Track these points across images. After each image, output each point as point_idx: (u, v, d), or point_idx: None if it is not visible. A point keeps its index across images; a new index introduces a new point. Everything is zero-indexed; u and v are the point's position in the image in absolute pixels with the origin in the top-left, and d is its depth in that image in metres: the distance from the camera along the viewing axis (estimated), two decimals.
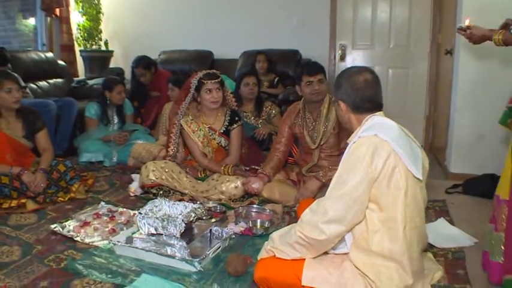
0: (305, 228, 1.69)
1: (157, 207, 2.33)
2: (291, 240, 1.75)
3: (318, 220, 1.66)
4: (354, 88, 1.79)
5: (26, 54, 5.15)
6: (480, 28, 2.40)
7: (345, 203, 1.63)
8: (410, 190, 1.67)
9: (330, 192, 1.70)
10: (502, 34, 2.28)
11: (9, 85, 3.09)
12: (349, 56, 5.42)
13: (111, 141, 4.14)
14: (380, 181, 1.64)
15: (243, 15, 5.78)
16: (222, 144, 3.34)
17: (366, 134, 1.69)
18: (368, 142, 1.66)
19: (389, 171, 1.63)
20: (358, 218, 1.66)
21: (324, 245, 1.70)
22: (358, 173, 1.63)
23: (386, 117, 1.79)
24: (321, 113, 3.07)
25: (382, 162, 1.63)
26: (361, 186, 1.62)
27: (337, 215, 1.64)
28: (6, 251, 2.33)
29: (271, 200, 3.03)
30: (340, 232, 1.67)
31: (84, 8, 6.17)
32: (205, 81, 3.19)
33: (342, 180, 1.67)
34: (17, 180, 2.99)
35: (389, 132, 1.68)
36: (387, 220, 1.66)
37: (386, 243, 1.65)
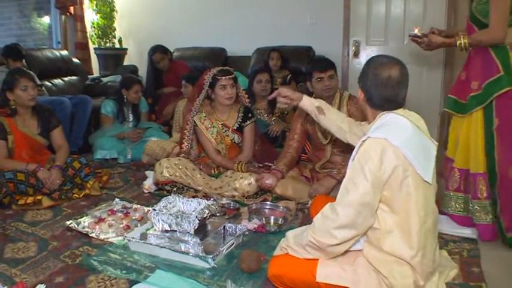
0: (317, 233, 1.69)
1: (171, 204, 2.34)
2: (303, 242, 1.74)
3: (330, 225, 1.66)
4: (375, 83, 1.73)
5: (41, 52, 5.21)
6: (437, 37, 2.55)
7: (355, 208, 1.62)
8: (422, 193, 1.65)
9: (340, 196, 1.68)
10: (465, 38, 2.41)
11: (25, 83, 3.12)
12: (363, 52, 5.38)
13: (125, 138, 4.17)
14: (390, 184, 1.62)
15: (256, 12, 5.76)
16: (236, 140, 3.34)
17: (376, 135, 1.65)
18: (377, 145, 1.62)
19: (400, 175, 1.61)
20: (369, 222, 1.65)
21: (336, 249, 1.69)
22: (367, 178, 1.60)
23: (401, 115, 1.72)
24: None
25: (391, 167, 1.60)
26: (370, 191, 1.61)
27: (348, 220, 1.63)
28: (22, 247, 2.36)
29: (285, 197, 3.02)
30: (352, 236, 1.66)
31: (98, 5, 6.20)
32: (219, 77, 3.19)
33: (351, 184, 1.65)
34: (33, 177, 3.02)
35: (401, 134, 1.63)
36: (400, 222, 1.64)
37: (397, 246, 1.64)
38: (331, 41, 5.36)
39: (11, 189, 2.92)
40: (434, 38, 2.55)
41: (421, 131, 1.73)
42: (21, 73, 3.21)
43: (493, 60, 2.39)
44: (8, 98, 3.12)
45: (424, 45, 2.61)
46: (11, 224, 2.67)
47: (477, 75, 2.46)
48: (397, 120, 1.70)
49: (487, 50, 2.42)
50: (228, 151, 3.35)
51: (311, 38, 5.33)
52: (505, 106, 2.36)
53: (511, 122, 2.36)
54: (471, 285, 1.99)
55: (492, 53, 2.40)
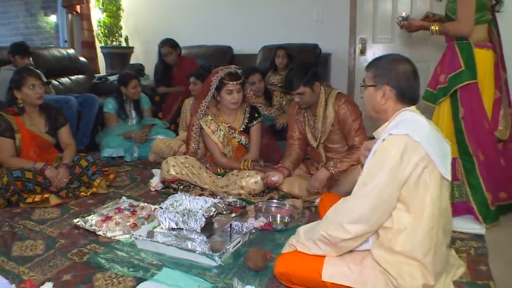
0: (329, 227, 1.68)
1: (177, 202, 2.35)
2: (315, 237, 1.74)
3: (343, 219, 1.65)
4: (405, 76, 1.74)
5: (47, 51, 5.24)
6: (417, 20, 2.83)
7: (372, 203, 1.61)
8: (438, 191, 1.64)
9: (356, 191, 1.67)
10: (438, 25, 2.68)
11: (32, 81, 3.13)
12: (369, 49, 5.37)
13: (132, 137, 4.18)
14: (409, 182, 1.60)
15: (262, 10, 5.76)
16: (243, 142, 3.34)
17: (396, 131, 1.63)
18: (399, 142, 1.60)
19: (419, 173, 1.60)
20: (383, 219, 1.64)
21: (347, 244, 1.68)
22: (387, 174, 1.59)
23: (418, 112, 1.74)
24: (318, 112, 3.05)
25: (412, 163, 1.59)
26: (389, 187, 1.59)
27: (363, 215, 1.61)
28: (30, 245, 2.37)
29: (291, 195, 3.02)
30: (365, 232, 1.65)
31: (105, 4, 6.22)
32: (226, 81, 3.16)
33: (369, 179, 1.63)
34: (41, 175, 3.04)
35: (420, 131, 1.63)
36: (414, 220, 1.63)
37: (409, 245, 1.62)
38: (338, 39, 5.34)
39: (19, 188, 2.93)
40: (414, 21, 2.81)
41: (435, 129, 1.73)
42: (28, 71, 3.22)
43: (457, 55, 2.62)
44: (16, 97, 3.13)
45: (405, 28, 2.86)
46: (18, 222, 2.69)
47: (445, 68, 2.68)
48: (414, 117, 1.70)
49: (454, 45, 2.65)
50: (234, 153, 3.34)
51: (317, 36, 5.31)
52: (468, 97, 2.58)
53: (473, 112, 2.57)
54: (479, 283, 1.97)
55: (457, 48, 2.63)
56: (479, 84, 2.59)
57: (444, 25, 2.67)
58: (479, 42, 2.64)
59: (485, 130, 2.59)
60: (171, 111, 4.76)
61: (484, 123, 2.59)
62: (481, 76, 2.60)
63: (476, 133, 2.57)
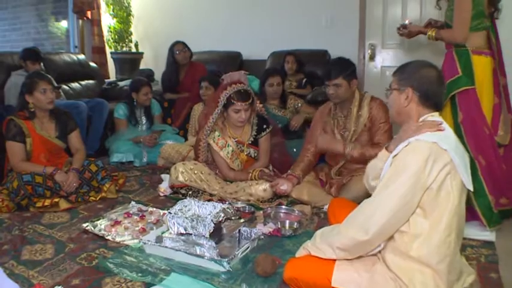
0: (349, 228, 1.67)
1: (186, 207, 2.35)
2: (331, 240, 1.72)
3: (364, 221, 1.64)
4: (430, 80, 1.77)
5: (58, 56, 5.27)
6: (416, 26, 2.98)
7: (392, 206, 1.59)
8: (459, 198, 1.63)
9: (378, 193, 1.66)
10: (434, 31, 2.79)
11: (44, 86, 3.16)
12: (378, 55, 5.35)
13: (141, 142, 4.20)
14: (431, 188, 1.60)
15: (271, 16, 5.77)
16: (251, 155, 3.33)
17: (424, 137, 1.63)
18: (426, 148, 1.60)
19: (442, 179, 1.59)
20: (401, 222, 1.63)
21: (364, 247, 1.67)
22: (409, 178, 1.58)
23: (443, 120, 1.75)
24: (351, 112, 3.04)
25: (437, 170, 1.58)
26: (411, 191, 1.58)
27: (383, 217, 1.60)
28: (39, 249, 2.38)
29: (300, 201, 3.02)
30: (384, 235, 1.64)
31: (115, 10, 6.26)
32: (235, 101, 3.11)
33: (391, 182, 1.62)
34: (50, 180, 3.06)
35: (448, 139, 1.64)
36: (431, 226, 1.61)
37: (425, 250, 1.61)
38: (347, 44, 5.32)
39: (29, 192, 2.95)
40: (413, 27, 2.95)
41: (458, 140, 1.74)
42: (40, 76, 3.24)
43: (455, 61, 2.70)
44: (27, 101, 3.15)
45: (405, 36, 3.01)
46: (28, 226, 2.70)
47: (444, 73, 2.60)
48: (442, 125, 1.71)
49: (452, 52, 2.73)
50: (244, 165, 3.32)
51: (326, 42, 5.30)
52: (465, 102, 2.64)
53: (472, 117, 2.62)
54: None
55: (455, 55, 2.71)
56: (478, 90, 2.64)
57: (440, 32, 2.77)
58: (478, 49, 2.70)
59: (485, 135, 2.62)
60: (180, 117, 4.77)
61: (484, 128, 2.63)
62: (479, 82, 2.65)
63: (475, 138, 2.59)
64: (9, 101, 4.15)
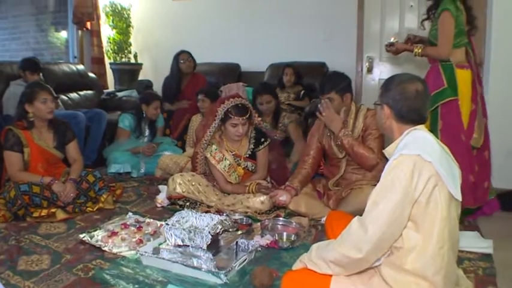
0: (343, 246, 1.67)
1: (184, 219, 2.34)
2: (326, 256, 1.72)
3: (356, 239, 1.64)
4: (403, 96, 1.76)
5: (57, 66, 5.29)
6: (402, 44, 3.20)
7: (384, 223, 1.59)
8: (448, 210, 1.63)
9: (368, 210, 1.66)
10: (420, 49, 3.04)
11: (45, 95, 3.17)
12: (376, 68, 5.38)
13: (139, 153, 4.20)
14: (419, 201, 1.60)
15: (270, 28, 5.80)
16: (249, 168, 3.32)
17: (408, 151, 1.64)
18: (409, 161, 1.61)
19: (430, 191, 1.60)
20: (394, 238, 1.63)
21: (359, 264, 1.67)
22: (398, 193, 1.59)
23: (427, 132, 1.76)
24: (347, 124, 3.06)
25: (423, 182, 1.59)
26: (400, 205, 1.58)
27: (375, 234, 1.60)
28: (36, 260, 2.37)
29: (298, 213, 3.01)
30: (377, 252, 1.64)
31: (115, 21, 6.29)
32: (232, 116, 3.12)
33: (380, 198, 1.63)
34: (48, 190, 3.05)
35: (432, 151, 1.64)
36: (423, 239, 1.62)
37: (420, 263, 1.61)
38: (345, 57, 5.35)
39: (26, 202, 2.94)
40: (399, 45, 3.18)
41: (445, 151, 1.74)
42: (40, 86, 3.26)
43: (441, 74, 2.96)
44: (27, 111, 3.16)
45: (392, 52, 3.23)
46: (25, 236, 2.69)
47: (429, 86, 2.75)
48: (426, 137, 1.72)
49: (438, 66, 2.99)
50: (241, 178, 3.31)
51: (324, 54, 5.33)
52: (447, 112, 2.91)
53: (451, 125, 2.88)
54: None
55: (441, 68, 2.98)
56: (459, 100, 2.92)
57: (426, 49, 3.04)
58: (460, 63, 3.00)
59: (461, 142, 2.88)
60: (178, 128, 4.78)
61: (461, 136, 2.90)
62: (461, 93, 2.93)
63: (452, 144, 2.60)
64: (7, 110, 4.16)
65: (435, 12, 3.05)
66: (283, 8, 5.71)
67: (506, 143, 3.59)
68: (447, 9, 2.92)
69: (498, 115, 3.59)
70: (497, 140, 3.60)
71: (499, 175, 3.59)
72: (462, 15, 2.99)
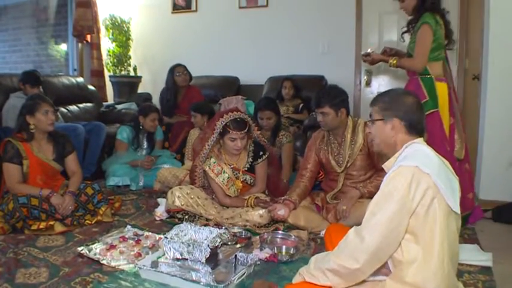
0: (340, 256, 1.68)
1: (182, 232, 2.34)
2: (324, 267, 1.72)
3: (353, 249, 1.65)
4: (412, 108, 1.81)
5: (57, 78, 5.31)
6: (378, 54, 3.30)
7: (381, 233, 1.61)
8: (447, 222, 1.64)
9: (366, 221, 1.67)
10: (395, 60, 3.14)
11: (46, 107, 3.18)
12: (374, 81, 5.41)
13: (138, 165, 4.20)
14: (417, 212, 1.61)
15: (269, 42, 5.85)
16: (247, 181, 3.32)
17: (406, 163, 1.66)
18: (408, 172, 1.63)
19: (428, 203, 1.61)
20: (392, 249, 1.64)
21: (356, 275, 1.67)
22: (395, 203, 1.60)
23: (426, 145, 1.78)
24: (345, 138, 3.07)
25: (420, 193, 1.60)
26: (398, 216, 1.60)
27: (372, 245, 1.61)
28: (34, 273, 2.35)
29: (297, 226, 3.01)
30: (374, 262, 1.64)
31: (114, 34, 6.33)
32: (230, 130, 3.11)
33: (377, 209, 1.64)
34: (46, 203, 3.04)
35: (430, 163, 1.66)
36: (424, 252, 1.62)
37: (420, 276, 1.61)
38: (343, 70, 5.40)
39: (24, 214, 2.93)
40: (375, 55, 3.28)
41: (444, 164, 1.75)
42: (42, 98, 3.27)
43: (421, 88, 3.05)
44: (28, 122, 3.16)
45: (368, 62, 3.32)
46: (23, 249, 2.67)
47: None
48: (424, 150, 1.74)
49: (418, 79, 3.10)
50: (240, 191, 3.30)
51: (323, 67, 5.37)
52: (431, 123, 2.93)
53: (435, 136, 2.93)
54: None
55: (421, 82, 3.08)
56: (440, 112, 3.01)
57: (401, 60, 3.16)
58: (438, 76, 3.10)
59: (447, 152, 2.90)
60: (177, 141, 4.79)
61: (445, 145, 2.98)
62: (440, 105, 3.03)
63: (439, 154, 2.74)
64: (6, 122, 4.17)
65: (415, 25, 3.14)
66: (282, 21, 5.76)
67: (506, 155, 3.60)
68: (427, 23, 3.00)
69: (496, 127, 3.62)
70: (495, 152, 3.63)
71: (498, 187, 3.61)
72: (441, 29, 3.08)
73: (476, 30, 4.32)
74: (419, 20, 3.09)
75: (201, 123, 4.30)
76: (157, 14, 6.51)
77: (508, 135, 3.57)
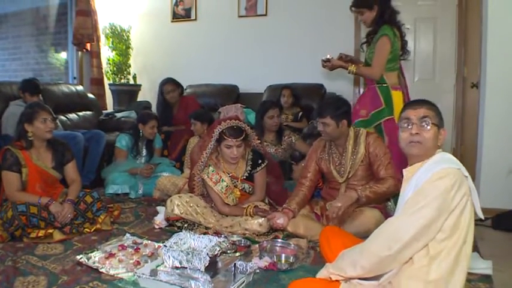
0: (372, 244, 1.70)
1: (182, 240, 2.33)
2: (354, 258, 1.73)
3: (388, 237, 1.67)
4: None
5: (57, 86, 5.31)
6: (337, 60, 3.50)
7: (418, 228, 1.63)
8: (472, 223, 1.70)
9: (403, 212, 1.70)
10: (354, 68, 3.38)
11: (44, 115, 3.18)
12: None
13: (137, 173, 4.20)
14: (454, 211, 1.65)
15: (268, 50, 5.87)
16: (246, 190, 3.31)
17: (450, 165, 1.70)
18: (453, 174, 1.67)
19: (464, 204, 1.66)
20: (423, 244, 1.66)
21: (386, 264, 1.68)
22: (438, 200, 1.63)
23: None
24: (346, 149, 3.07)
25: (460, 195, 1.65)
26: (437, 213, 1.63)
27: (407, 235, 1.63)
28: (32, 281, 2.34)
29: (296, 235, 3.00)
30: (406, 254, 1.66)
31: (114, 43, 6.35)
32: (226, 137, 3.12)
33: (420, 205, 1.65)
34: (45, 211, 3.04)
35: (464, 168, 1.72)
36: (451, 251, 1.66)
37: (445, 271, 1.65)
38: (343, 79, 5.41)
39: (23, 222, 2.92)
40: (335, 61, 3.48)
41: None
42: (40, 106, 3.27)
43: (378, 96, 3.30)
44: (26, 130, 3.16)
45: (328, 68, 3.51)
46: (21, 257, 2.66)
47: (366, 105, 3.38)
48: (452, 157, 1.80)
49: (375, 88, 3.34)
50: (238, 200, 3.30)
51: (322, 76, 5.38)
52: (390, 128, 3.19)
53: (395, 141, 2.87)
54: None
55: (378, 90, 3.32)
56: (395, 118, 3.15)
57: (360, 68, 3.41)
58: (393, 85, 3.34)
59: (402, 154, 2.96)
60: (177, 149, 4.80)
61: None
62: (396, 112, 3.17)
63: (399, 158, 2.87)
64: (6, 130, 4.17)
65: (373, 37, 3.36)
66: (281, 30, 5.79)
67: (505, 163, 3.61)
68: (386, 35, 3.23)
69: (495, 135, 3.63)
70: (494, 160, 3.64)
71: (498, 195, 3.61)
72: (398, 41, 3.31)
73: (474, 39, 4.34)
74: (378, 31, 3.31)
75: (201, 131, 4.30)
76: (157, 23, 6.54)
77: (507, 142, 3.58)
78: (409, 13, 5.17)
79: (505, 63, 3.61)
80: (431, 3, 5.16)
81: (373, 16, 3.34)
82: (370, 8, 3.35)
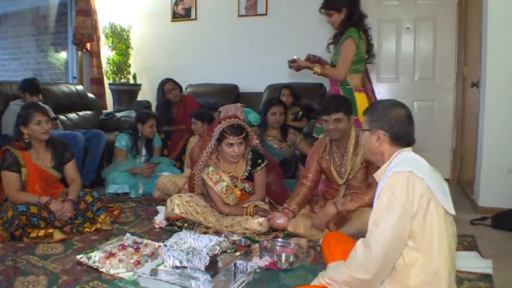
0: (351, 267, 1.69)
1: (182, 240, 2.33)
2: (337, 277, 1.73)
3: (363, 260, 1.66)
4: (399, 120, 1.82)
5: (57, 86, 5.31)
6: (303, 61, 3.54)
7: (387, 241, 1.62)
8: (445, 225, 1.67)
9: (370, 232, 1.69)
10: (319, 68, 3.44)
11: (39, 117, 3.17)
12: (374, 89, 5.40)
13: (137, 173, 4.20)
14: (417, 216, 1.63)
15: (268, 50, 5.86)
16: (246, 189, 3.31)
17: (400, 169, 1.68)
18: (403, 178, 1.65)
19: (425, 206, 1.64)
20: (397, 255, 1.66)
21: (368, 285, 1.69)
22: (396, 210, 1.62)
23: (414, 153, 1.81)
24: (348, 150, 3.06)
25: (418, 197, 1.63)
26: (401, 222, 1.61)
27: (381, 254, 1.63)
28: (32, 281, 2.34)
29: (296, 234, 3.00)
30: (385, 270, 1.66)
31: (114, 42, 6.35)
32: (227, 135, 3.12)
33: (380, 218, 1.66)
34: (45, 210, 3.04)
35: (422, 168, 1.69)
36: (424, 254, 1.64)
37: (422, 278, 1.63)
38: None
39: (23, 222, 2.92)
40: (301, 62, 3.52)
41: (433, 168, 1.77)
42: (35, 108, 3.26)
43: None
44: (22, 132, 3.17)
45: (294, 68, 3.55)
46: (22, 257, 2.66)
47: None
48: (414, 157, 1.77)
49: (339, 89, 3.41)
50: (238, 200, 3.30)
51: None
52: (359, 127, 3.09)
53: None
54: None
55: (341, 91, 3.39)
56: (360, 119, 3.08)
57: (325, 69, 3.44)
58: (357, 87, 3.40)
59: None
60: (177, 149, 4.80)
61: None
62: (360, 113, 3.18)
63: None
64: (6, 130, 4.17)
65: (340, 38, 3.40)
66: (281, 29, 5.78)
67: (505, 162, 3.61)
68: (352, 37, 3.28)
69: (495, 134, 3.63)
70: (494, 159, 3.63)
71: (498, 194, 3.61)
72: (364, 44, 3.36)
73: (474, 38, 4.33)
74: (344, 33, 3.35)
75: (202, 131, 4.30)
76: (157, 23, 6.54)
77: (507, 142, 3.58)
78: (409, 12, 5.17)
79: (505, 62, 3.60)
80: (431, 3, 5.15)
81: (341, 18, 3.39)
82: (339, 10, 3.39)
